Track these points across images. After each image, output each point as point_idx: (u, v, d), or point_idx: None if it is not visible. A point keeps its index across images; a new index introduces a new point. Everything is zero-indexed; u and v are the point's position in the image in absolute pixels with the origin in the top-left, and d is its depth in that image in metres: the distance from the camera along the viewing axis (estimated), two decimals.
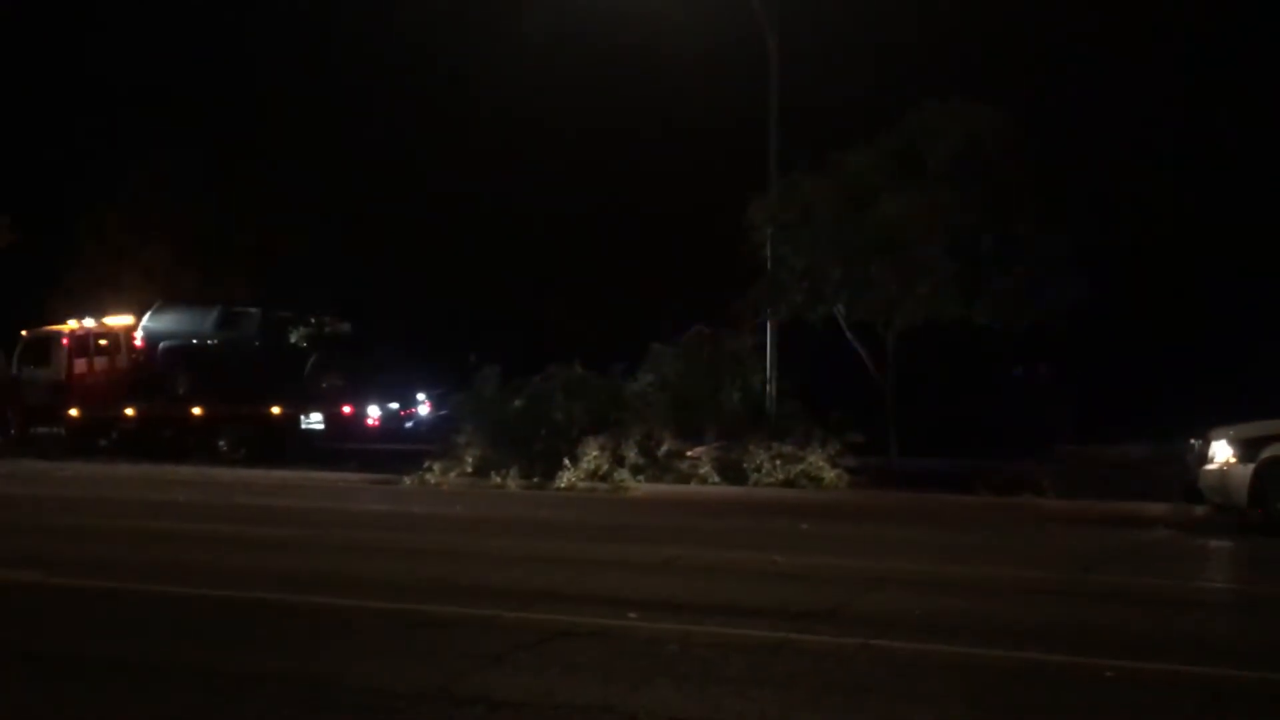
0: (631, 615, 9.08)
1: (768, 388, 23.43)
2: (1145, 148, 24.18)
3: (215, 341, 27.91)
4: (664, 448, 22.14)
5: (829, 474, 21.24)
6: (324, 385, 27.30)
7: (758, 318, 23.43)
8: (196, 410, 27.36)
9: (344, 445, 26.88)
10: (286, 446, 26.28)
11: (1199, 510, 16.93)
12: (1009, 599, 10.44)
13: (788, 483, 21.07)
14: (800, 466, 21.27)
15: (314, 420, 26.90)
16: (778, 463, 21.33)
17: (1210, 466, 15.85)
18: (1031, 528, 15.87)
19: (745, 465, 21.52)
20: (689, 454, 22.27)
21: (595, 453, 21.31)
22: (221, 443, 26.96)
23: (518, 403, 22.41)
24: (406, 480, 21.69)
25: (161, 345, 28.21)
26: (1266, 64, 25.44)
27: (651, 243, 32.69)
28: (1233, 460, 15.54)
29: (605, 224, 33.59)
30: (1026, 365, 29.05)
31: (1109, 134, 25.01)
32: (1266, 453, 15.21)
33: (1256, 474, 15.22)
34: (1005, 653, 8.01)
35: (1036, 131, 21.74)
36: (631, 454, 21.67)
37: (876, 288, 21.59)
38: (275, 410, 26.89)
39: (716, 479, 21.39)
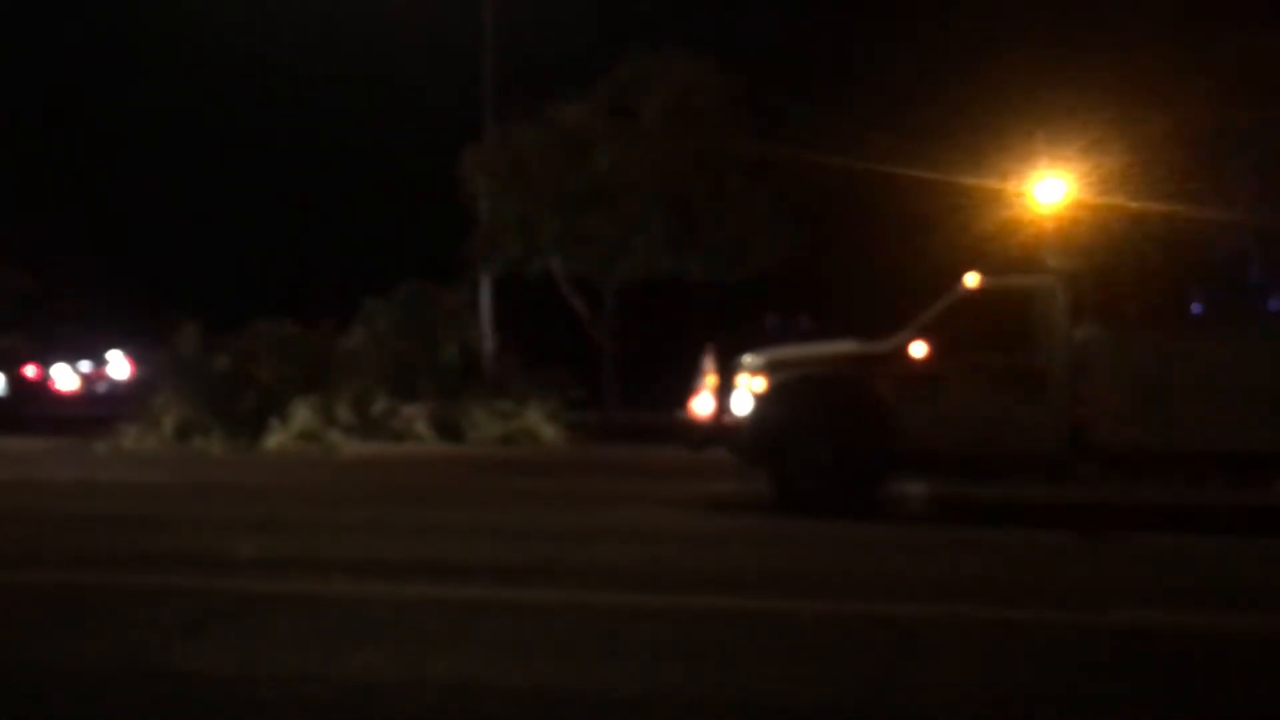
0: (337, 578, 8.74)
1: (485, 344, 23.19)
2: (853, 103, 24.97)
3: None
4: (378, 406, 21.57)
5: (547, 430, 21.22)
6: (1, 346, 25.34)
7: (473, 272, 23.13)
8: None
9: (30, 411, 25.07)
10: None
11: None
12: (716, 547, 10.63)
13: (506, 440, 20.94)
14: (518, 423, 21.17)
15: None
16: (495, 420, 21.15)
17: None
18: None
19: (462, 423, 21.25)
20: (404, 412, 21.80)
21: (305, 413, 20.54)
22: None
23: (221, 361, 21.36)
24: (99, 446, 20.36)
25: None
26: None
27: (365, 194, 31.85)
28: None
29: (315, 172, 32.47)
30: (785, 316, 29.03)
31: (822, 87, 25.71)
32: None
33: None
34: (712, 600, 8.11)
35: (751, 83, 22.06)
36: (344, 413, 21.01)
37: (592, 241, 21.64)
38: None
39: (433, 438, 21.04)
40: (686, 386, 13.74)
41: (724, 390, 13.08)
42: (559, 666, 6.52)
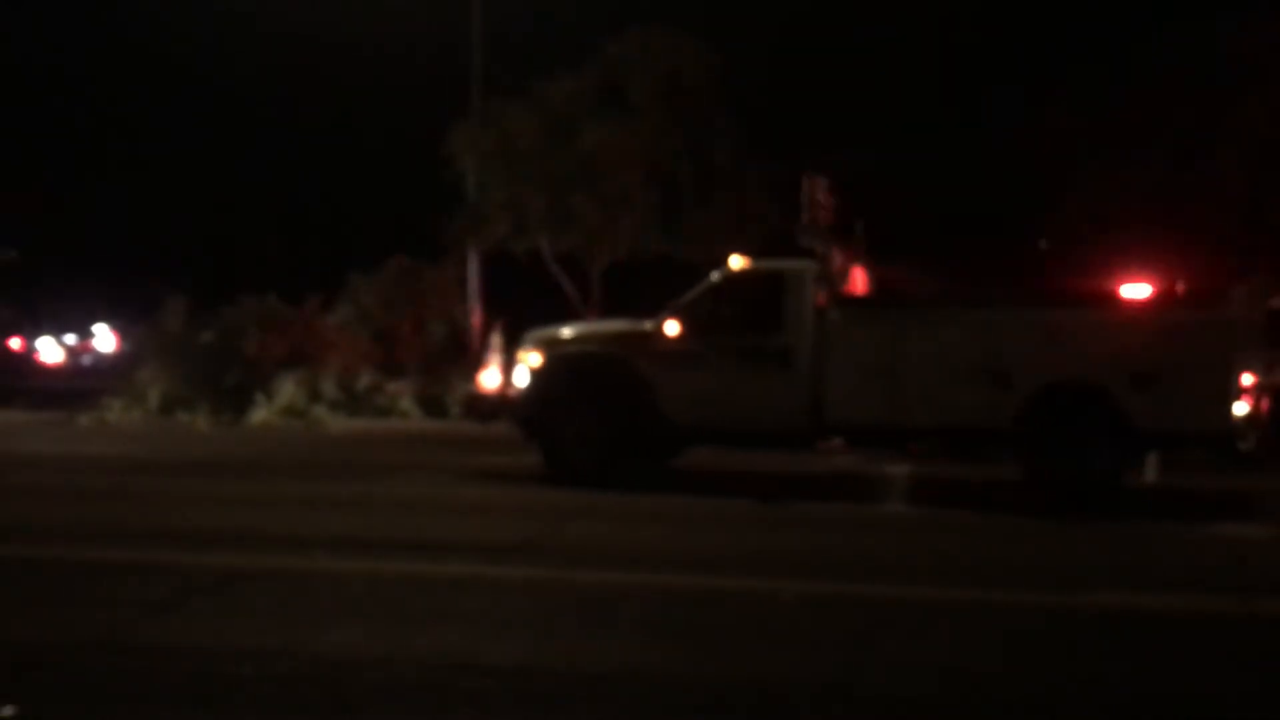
0: (318, 554, 8.77)
1: (471, 321, 23.15)
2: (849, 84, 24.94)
3: None
4: (363, 382, 21.54)
5: None
6: None
7: (461, 249, 23.07)
8: None
9: (14, 384, 24.97)
10: None
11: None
12: (701, 527, 10.68)
13: None
14: None
15: None
16: None
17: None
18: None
19: (446, 399, 21.23)
20: (389, 388, 21.76)
21: (290, 388, 20.51)
22: None
23: (207, 336, 21.32)
24: (83, 420, 20.31)
25: None
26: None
27: (352, 170, 31.71)
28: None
29: (302, 147, 32.32)
30: None
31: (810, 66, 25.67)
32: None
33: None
34: (692, 579, 8.15)
35: (738, 62, 22.01)
36: (329, 389, 20.98)
37: (579, 220, 21.59)
38: None
39: (417, 414, 21.02)
40: None
41: (509, 365, 13.71)
42: (536, 643, 6.54)
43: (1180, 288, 12.66)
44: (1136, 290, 12.20)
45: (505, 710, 5.52)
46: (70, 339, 26.66)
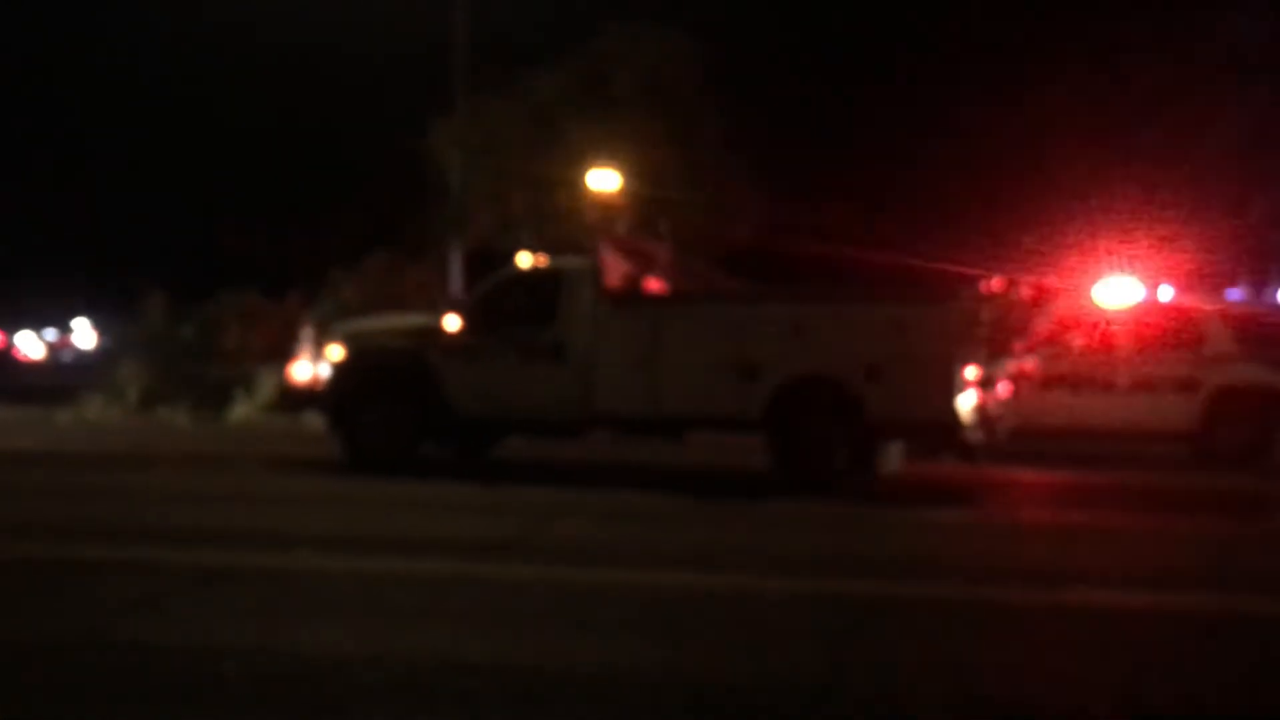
0: (301, 551, 8.68)
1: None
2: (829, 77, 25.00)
3: None
4: None
5: None
6: None
7: (443, 245, 22.96)
8: None
9: None
10: None
11: None
12: (684, 523, 10.64)
13: None
14: None
15: None
16: None
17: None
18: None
19: None
20: None
21: (272, 383, 20.40)
22: None
23: (187, 331, 21.22)
24: (61, 416, 20.15)
25: None
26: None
27: (335, 166, 31.51)
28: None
29: (283, 143, 32.13)
30: None
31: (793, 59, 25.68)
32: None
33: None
34: (674, 577, 8.09)
35: (727, 57, 22.01)
36: None
37: (565, 217, 21.54)
38: None
39: None
40: None
41: (318, 357, 14.20)
42: (520, 642, 6.48)
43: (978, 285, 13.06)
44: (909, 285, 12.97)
45: (492, 709, 5.45)
46: (51, 334, 26.40)
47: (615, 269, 13.20)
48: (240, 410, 19.97)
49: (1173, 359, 14.98)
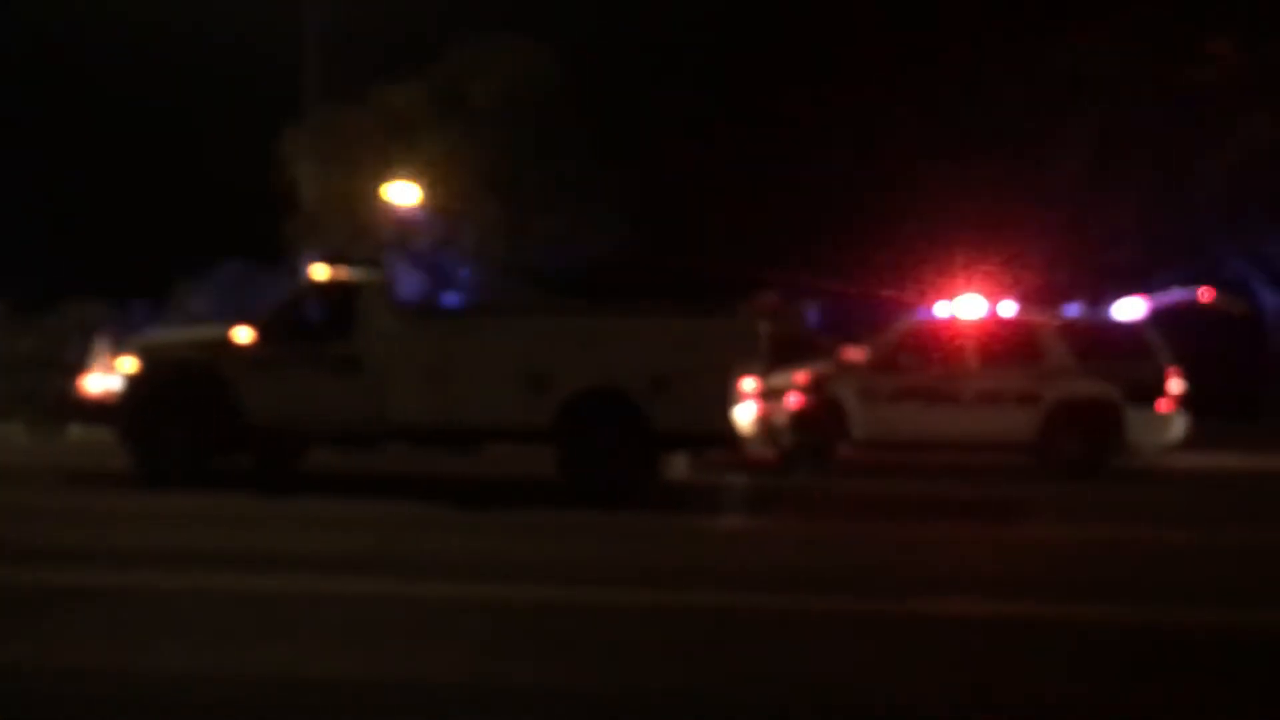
0: (148, 572, 8.42)
1: None
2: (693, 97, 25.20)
3: None
4: None
5: None
6: None
7: (296, 253, 22.57)
8: None
9: None
10: None
11: None
12: (544, 538, 10.61)
13: None
14: None
15: None
16: None
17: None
18: None
19: None
20: None
21: None
22: None
23: (26, 343, 20.45)
24: None
25: None
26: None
27: (182, 171, 30.68)
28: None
29: (129, 147, 31.16)
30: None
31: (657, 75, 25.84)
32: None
33: None
34: (533, 590, 8.07)
35: (586, 70, 22.01)
36: None
37: (424, 227, 21.37)
38: None
39: None
40: None
41: (110, 369, 14.14)
42: (369, 658, 6.39)
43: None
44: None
45: None
46: None
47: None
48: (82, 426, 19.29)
49: (1015, 373, 15.47)
